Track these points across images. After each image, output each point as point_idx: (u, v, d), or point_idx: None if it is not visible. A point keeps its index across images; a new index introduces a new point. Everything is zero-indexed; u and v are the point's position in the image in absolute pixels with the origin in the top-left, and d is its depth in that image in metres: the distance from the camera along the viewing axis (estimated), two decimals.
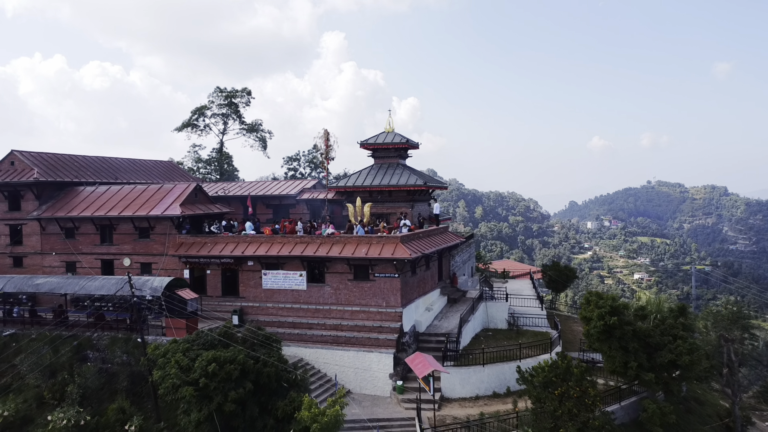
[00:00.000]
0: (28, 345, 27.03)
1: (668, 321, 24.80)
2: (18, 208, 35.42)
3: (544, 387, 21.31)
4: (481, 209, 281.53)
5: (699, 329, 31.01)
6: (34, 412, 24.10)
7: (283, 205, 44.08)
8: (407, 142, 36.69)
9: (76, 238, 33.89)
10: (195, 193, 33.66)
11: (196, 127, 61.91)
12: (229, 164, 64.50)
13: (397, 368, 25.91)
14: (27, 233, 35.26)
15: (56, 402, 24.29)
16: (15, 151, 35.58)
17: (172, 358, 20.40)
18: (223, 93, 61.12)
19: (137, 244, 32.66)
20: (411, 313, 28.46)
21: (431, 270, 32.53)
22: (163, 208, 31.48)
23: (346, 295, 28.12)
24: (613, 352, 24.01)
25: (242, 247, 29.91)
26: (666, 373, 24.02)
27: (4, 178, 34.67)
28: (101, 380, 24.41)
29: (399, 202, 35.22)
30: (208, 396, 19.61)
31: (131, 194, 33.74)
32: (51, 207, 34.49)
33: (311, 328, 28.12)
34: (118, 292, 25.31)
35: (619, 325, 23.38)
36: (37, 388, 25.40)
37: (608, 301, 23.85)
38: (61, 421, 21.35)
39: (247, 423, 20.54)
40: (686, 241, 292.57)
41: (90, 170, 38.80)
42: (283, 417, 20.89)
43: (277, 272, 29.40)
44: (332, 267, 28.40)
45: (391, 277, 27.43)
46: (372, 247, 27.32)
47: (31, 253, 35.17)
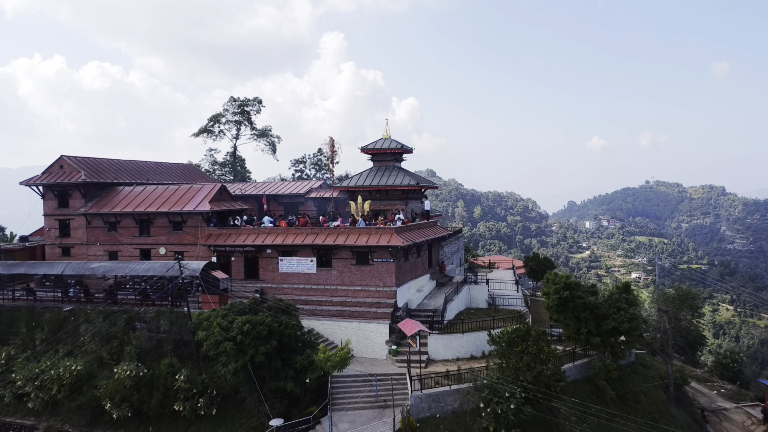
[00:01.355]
0: (86, 319, 32.65)
1: (614, 296, 30.26)
2: (66, 205, 41.00)
3: (509, 345, 26.79)
4: (480, 209, 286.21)
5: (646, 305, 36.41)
6: (96, 370, 29.67)
7: (293, 203, 49.59)
8: (402, 147, 42.18)
9: (117, 230, 39.45)
10: (220, 192, 39.21)
11: (211, 132, 67.70)
12: (242, 166, 70.17)
13: (392, 336, 31.37)
14: (74, 227, 40.82)
15: (114, 362, 29.93)
16: (64, 156, 41.13)
17: (215, 321, 25.93)
18: (236, 102, 66.95)
19: (171, 235, 38.20)
20: (404, 292, 33.96)
21: (422, 258, 38.03)
22: (195, 205, 37.03)
23: (350, 277, 33.63)
24: (567, 320, 29.46)
25: (262, 237, 35.44)
26: (612, 338, 29.44)
27: (55, 179, 40.27)
28: (151, 343, 29.92)
29: (395, 200, 40.72)
30: (243, 350, 25.10)
31: (165, 193, 39.30)
32: (96, 204, 40.05)
33: (320, 305, 33.61)
34: (167, 272, 30.81)
35: (572, 298, 28.82)
36: (94, 352, 31.01)
37: (563, 279, 29.30)
38: (125, 372, 26.90)
39: (273, 372, 26.08)
40: (684, 241, 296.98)
41: (126, 172, 44.38)
42: (301, 369, 26.47)
43: (292, 258, 34.92)
44: (338, 254, 33.91)
45: (387, 262, 32.91)
46: (371, 237, 32.84)
47: (78, 244, 40.72)
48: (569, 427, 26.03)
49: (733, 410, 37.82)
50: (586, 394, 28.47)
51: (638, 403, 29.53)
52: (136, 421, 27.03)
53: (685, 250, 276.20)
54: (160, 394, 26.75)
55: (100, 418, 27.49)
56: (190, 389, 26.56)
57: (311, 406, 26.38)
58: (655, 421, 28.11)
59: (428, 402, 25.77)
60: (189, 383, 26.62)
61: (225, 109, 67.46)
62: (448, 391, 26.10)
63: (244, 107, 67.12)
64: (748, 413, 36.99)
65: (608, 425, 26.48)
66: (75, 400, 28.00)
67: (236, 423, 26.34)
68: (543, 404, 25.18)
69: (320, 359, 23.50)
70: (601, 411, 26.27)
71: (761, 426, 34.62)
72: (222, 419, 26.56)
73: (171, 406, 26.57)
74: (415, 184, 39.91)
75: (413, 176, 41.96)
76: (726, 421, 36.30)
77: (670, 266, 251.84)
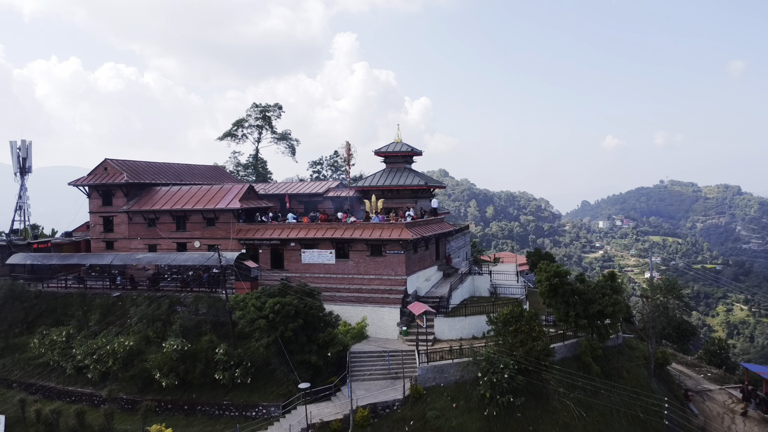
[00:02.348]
0: (133, 303, 37.11)
1: (601, 283, 33.92)
2: (110, 203, 45.60)
3: (504, 325, 30.60)
4: (492, 209, 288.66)
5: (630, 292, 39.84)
6: (144, 347, 34.04)
7: (312, 201, 53.77)
8: (412, 150, 46.14)
9: (156, 226, 43.92)
10: (248, 191, 43.49)
11: (235, 136, 72.49)
12: (264, 168, 74.71)
13: (402, 318, 35.35)
14: (117, 223, 45.41)
15: (159, 340, 34.29)
16: (108, 159, 45.74)
17: (250, 302, 30.13)
18: (258, 108, 71.63)
19: (205, 230, 42.57)
20: (413, 281, 37.92)
21: (430, 251, 41.94)
22: (226, 203, 41.36)
23: (365, 267, 37.66)
24: (558, 305, 33.16)
25: (286, 231, 39.64)
26: (598, 320, 33.07)
27: (101, 180, 44.89)
28: (192, 323, 34.23)
29: (405, 198, 44.68)
30: (274, 326, 29.24)
31: (199, 192, 43.68)
32: (137, 202, 44.59)
33: (339, 291, 37.67)
34: (207, 262, 35.14)
35: (561, 285, 32.53)
36: (141, 332, 35.40)
37: (553, 267, 33.03)
38: (172, 347, 31.21)
39: (299, 347, 30.20)
40: (698, 241, 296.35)
41: (162, 173, 48.91)
42: (323, 344, 30.59)
43: (313, 250, 39.05)
44: (354, 246, 37.96)
45: (398, 253, 36.88)
46: (384, 231, 36.85)
47: (121, 238, 45.30)
48: (558, 397, 29.78)
49: (716, 391, 41.16)
50: (575, 369, 32.08)
51: (621, 378, 33.05)
52: (182, 389, 31.34)
53: (700, 250, 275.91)
54: (202, 365, 31.01)
55: (150, 386, 31.84)
56: (228, 361, 30.78)
57: (332, 377, 30.51)
58: (636, 393, 31.62)
59: (434, 373, 29.68)
60: (227, 356, 30.85)
61: (248, 115, 72.37)
62: (451, 363, 29.97)
63: (266, 113, 71.80)
64: (730, 394, 40.30)
65: (593, 396, 30.17)
66: (128, 371, 32.40)
67: (268, 390, 30.53)
68: (534, 375, 28.98)
69: (341, 332, 27.51)
70: (587, 383, 30.01)
71: (740, 404, 37.95)
72: (255, 387, 30.77)
73: (212, 375, 30.83)
74: (423, 184, 43.84)
75: (422, 177, 45.88)
76: (709, 401, 39.70)
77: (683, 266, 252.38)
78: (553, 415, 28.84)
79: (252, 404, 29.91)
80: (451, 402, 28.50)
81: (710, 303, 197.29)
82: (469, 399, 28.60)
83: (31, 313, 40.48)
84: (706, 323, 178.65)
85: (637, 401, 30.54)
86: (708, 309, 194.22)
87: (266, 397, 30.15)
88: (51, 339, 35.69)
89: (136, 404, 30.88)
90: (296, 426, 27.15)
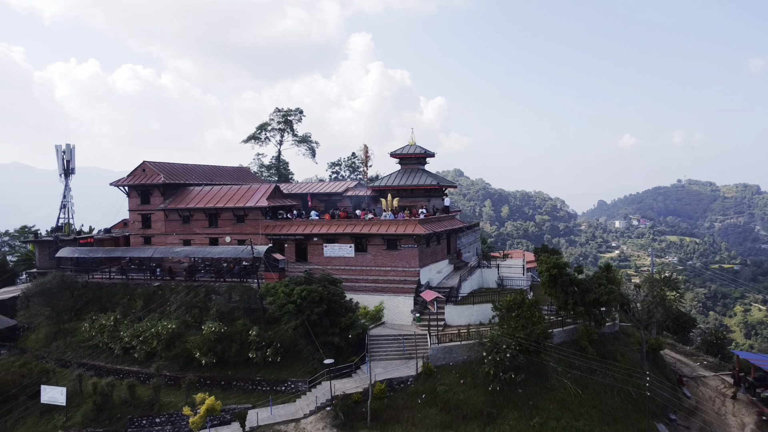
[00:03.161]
0: (173, 291, 41.11)
1: (597, 274, 37.02)
2: (148, 202, 49.77)
3: (508, 311, 33.89)
4: (507, 208, 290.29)
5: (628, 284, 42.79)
6: (183, 330, 37.91)
7: (332, 200, 57.44)
8: (425, 152, 49.56)
9: (191, 222, 47.95)
10: (274, 191, 47.34)
11: (258, 139, 76.76)
12: (285, 169, 78.83)
13: (416, 306, 38.82)
14: (154, 220, 49.56)
15: (196, 324, 38.16)
16: (146, 161, 49.92)
17: (279, 290, 33.88)
18: (280, 112, 75.83)
19: (235, 226, 46.48)
20: (426, 272, 41.35)
21: (441, 245, 45.33)
22: (255, 201, 45.21)
23: (381, 260, 41.20)
24: (557, 294, 36.31)
25: (310, 227, 43.34)
26: (594, 308, 36.14)
27: (140, 180, 49.07)
28: (227, 309, 38.05)
29: (419, 197, 48.12)
30: (301, 311, 32.93)
31: (230, 192, 47.62)
32: (173, 201, 48.68)
33: (358, 282, 41.24)
34: (240, 255, 39.03)
35: (560, 275, 35.71)
36: (180, 318, 39.30)
37: (553, 260, 36.20)
38: (210, 329, 35.05)
39: (323, 329, 33.84)
40: (716, 240, 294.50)
41: (194, 174, 53.03)
42: (344, 327, 34.22)
43: (334, 245, 42.68)
44: (372, 241, 41.52)
45: (412, 247, 40.35)
46: (399, 227, 40.35)
47: (158, 234, 49.44)
48: (556, 376, 32.98)
49: (710, 377, 43.99)
50: (572, 352, 35.19)
51: (615, 360, 36.10)
52: (219, 367, 35.19)
53: (717, 250, 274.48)
54: (237, 345, 34.80)
55: (191, 364, 35.72)
56: (260, 342, 34.53)
57: (353, 357, 34.10)
58: (629, 374, 34.68)
59: (443, 353, 33.10)
60: (259, 338, 34.61)
61: (271, 119, 76.58)
62: (459, 345, 33.37)
63: (287, 117, 75.91)
64: (723, 380, 43.10)
65: (589, 375, 33.30)
66: (170, 351, 36.33)
67: (295, 368, 34.23)
68: (534, 356, 32.22)
69: (361, 314, 31.06)
70: (584, 364, 33.17)
71: (731, 389, 40.74)
72: (284, 365, 34.48)
73: (246, 354, 34.61)
74: (436, 184, 47.26)
75: (435, 177, 49.28)
76: (702, 386, 42.54)
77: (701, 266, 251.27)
78: (551, 392, 32.00)
79: (282, 380, 33.63)
80: (458, 378, 31.90)
81: (728, 303, 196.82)
82: (475, 376, 31.95)
83: (78, 301, 44.65)
84: (723, 323, 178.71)
85: (630, 381, 33.61)
86: (725, 309, 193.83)
87: (294, 374, 33.84)
88: (100, 323, 39.84)
89: (178, 380, 34.74)
90: (321, 398, 30.82)
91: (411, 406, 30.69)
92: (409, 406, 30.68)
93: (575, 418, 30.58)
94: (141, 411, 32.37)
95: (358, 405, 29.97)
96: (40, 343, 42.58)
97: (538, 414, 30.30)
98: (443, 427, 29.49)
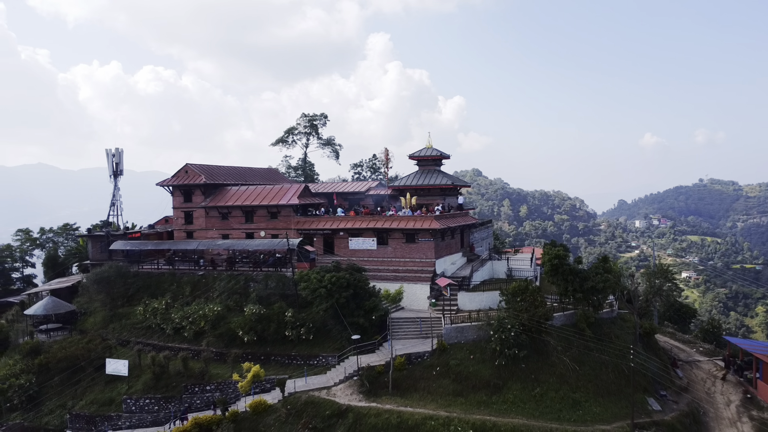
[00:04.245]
0: (216, 279, 46.32)
1: (595, 265, 41.13)
2: (190, 200, 55.17)
3: (513, 296, 38.21)
4: (526, 208, 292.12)
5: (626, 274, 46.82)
6: (226, 313, 43.04)
7: (355, 198, 62.25)
8: (441, 154, 54.09)
9: (229, 219, 53.20)
10: (304, 190, 52.33)
11: (285, 142, 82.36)
12: (311, 170, 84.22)
13: (432, 293, 43.36)
14: (196, 216, 54.94)
15: (237, 308, 43.24)
16: (188, 164, 55.34)
17: (312, 276, 38.77)
18: (306, 117, 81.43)
19: (268, 222, 51.56)
20: (441, 263, 45.88)
21: (455, 239, 49.79)
22: (287, 200, 50.25)
23: (401, 252, 45.84)
24: (558, 282, 40.52)
25: (336, 223, 48.18)
26: (592, 295, 40.24)
27: (183, 181, 54.50)
28: (264, 294, 43.06)
29: (435, 196, 52.62)
30: (331, 294, 37.73)
31: (264, 191, 52.74)
32: (212, 199, 54.00)
33: (379, 272, 45.89)
34: (276, 246, 44.11)
35: (561, 265, 39.93)
36: (222, 302, 44.45)
37: (554, 251, 40.43)
38: (251, 311, 40.08)
39: (350, 311, 38.59)
40: (738, 240, 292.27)
41: (230, 175, 58.36)
42: (369, 309, 38.94)
43: (358, 238, 47.45)
44: (392, 235, 46.17)
45: (428, 241, 44.90)
46: (416, 222, 44.95)
47: (199, 229, 54.80)
48: (556, 353, 37.20)
49: (704, 362, 47.71)
50: (571, 333, 39.43)
51: (611, 342, 40.17)
52: (259, 343, 40.18)
53: (740, 250, 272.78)
54: (275, 325, 39.77)
55: (234, 342, 40.79)
56: (294, 322, 39.45)
57: (376, 335, 38.80)
58: (623, 354, 38.71)
59: (456, 332, 37.59)
60: (294, 318, 39.54)
61: (297, 123, 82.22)
62: (470, 326, 37.83)
63: (313, 121, 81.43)
64: (716, 364, 46.81)
65: (586, 354, 37.44)
66: (216, 330, 41.48)
67: (325, 345, 39.07)
68: (536, 335, 36.47)
69: (383, 296, 35.75)
70: (582, 344, 37.33)
71: (722, 371, 44.46)
72: (316, 342, 39.35)
73: (282, 333, 39.57)
74: (450, 184, 51.76)
75: (450, 177, 53.76)
76: (696, 369, 46.29)
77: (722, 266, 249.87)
78: (551, 368, 36.19)
79: (314, 355, 38.51)
80: (469, 354, 36.36)
81: (749, 304, 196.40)
82: (483, 352, 36.33)
83: (130, 288, 50.13)
84: (744, 324, 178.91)
85: (623, 360, 37.65)
86: (747, 310, 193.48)
87: (325, 350, 38.68)
88: (153, 307, 45.22)
89: (223, 355, 39.87)
90: (349, 369, 35.60)
91: (427, 377, 35.23)
92: (425, 377, 35.23)
93: (572, 390, 34.71)
94: (193, 380, 37.57)
95: (381, 375, 34.62)
96: (97, 326, 48.10)
97: (539, 386, 34.51)
98: (455, 395, 33.94)
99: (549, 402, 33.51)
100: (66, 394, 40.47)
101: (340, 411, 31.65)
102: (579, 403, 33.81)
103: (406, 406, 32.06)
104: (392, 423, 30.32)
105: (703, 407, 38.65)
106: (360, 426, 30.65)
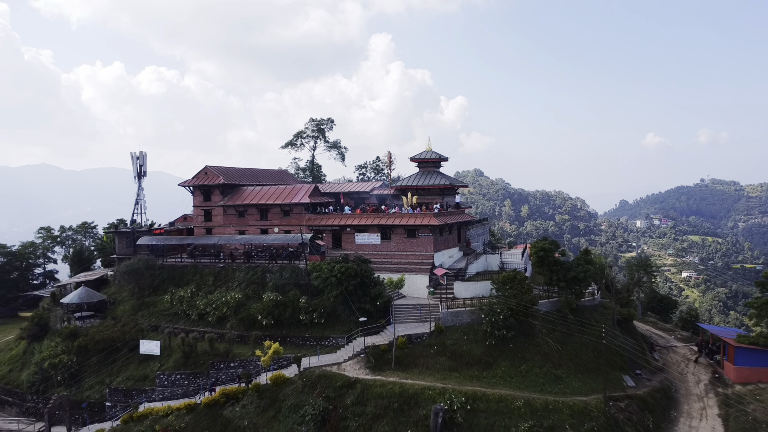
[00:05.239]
0: (236, 270, 51.09)
1: (577, 257, 45.72)
2: (209, 199, 60.01)
3: (503, 284, 42.81)
4: (527, 208, 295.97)
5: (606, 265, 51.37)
6: (245, 300, 47.74)
7: (360, 197, 67.02)
8: (440, 157, 58.76)
9: (245, 216, 58.01)
10: (314, 190, 57.08)
11: (294, 145, 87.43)
12: (318, 171, 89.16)
13: (430, 283, 48.04)
14: (214, 214, 59.76)
15: (256, 296, 47.94)
16: (208, 166, 60.18)
17: (323, 267, 43.52)
18: (314, 121, 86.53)
19: (281, 219, 56.33)
20: (439, 256, 50.54)
21: (453, 235, 54.45)
22: (299, 199, 55.02)
23: (403, 246, 50.52)
24: (544, 272, 45.10)
25: (344, 220, 52.90)
26: (575, 284, 44.80)
27: (202, 182, 59.33)
28: (280, 284, 47.80)
29: (434, 195, 57.27)
30: (340, 282, 42.45)
31: (277, 191, 57.53)
32: (230, 198, 58.82)
33: (383, 264, 50.55)
34: (291, 241, 48.85)
35: (546, 257, 44.53)
36: (242, 291, 49.15)
37: (540, 244, 45.04)
38: (269, 298, 44.83)
39: (357, 298, 43.30)
40: (739, 240, 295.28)
41: (246, 176, 63.19)
42: (374, 297, 43.65)
43: (364, 234, 52.14)
44: (395, 230, 50.86)
45: (428, 236, 49.55)
46: (417, 219, 49.63)
47: (217, 226, 59.62)
48: (541, 335, 41.78)
49: (681, 347, 52.19)
50: (555, 318, 44.03)
51: (591, 326, 44.73)
52: (276, 327, 44.89)
53: (740, 250, 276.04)
54: (290, 310, 44.48)
55: (253, 325, 45.50)
56: (308, 308, 44.17)
57: (380, 319, 43.48)
58: (601, 335, 43.25)
59: (451, 317, 42.22)
60: (307, 304, 44.25)
61: (306, 127, 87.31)
62: (464, 310, 42.46)
63: (320, 126, 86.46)
64: (691, 348, 51.27)
65: (569, 335, 41.98)
66: (237, 316, 46.20)
67: (335, 328, 43.76)
68: (523, 318, 41.02)
69: (387, 284, 40.49)
70: (564, 327, 41.87)
71: (695, 354, 48.95)
72: (327, 326, 44.05)
73: (297, 317, 44.27)
74: (448, 184, 56.42)
75: (448, 178, 58.44)
76: (673, 353, 50.77)
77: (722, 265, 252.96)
78: (536, 347, 40.71)
79: (325, 336, 43.22)
80: (463, 335, 40.97)
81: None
82: (476, 334, 40.91)
83: (156, 279, 54.94)
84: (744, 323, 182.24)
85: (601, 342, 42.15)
86: (747, 309, 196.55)
87: (335, 332, 43.37)
88: (179, 296, 50.01)
89: (244, 337, 44.60)
90: (357, 348, 40.29)
91: (425, 354, 39.87)
92: (424, 354, 39.87)
93: (555, 367, 39.18)
94: (219, 358, 42.31)
95: (385, 353, 39.25)
96: (127, 313, 52.85)
97: (525, 363, 39.00)
98: (450, 370, 38.55)
99: (533, 377, 37.95)
100: (103, 372, 45.27)
101: (350, 382, 36.34)
102: (560, 379, 38.24)
103: (407, 378, 36.72)
104: (395, 392, 34.98)
105: (675, 384, 43.15)
106: (367, 394, 35.31)
